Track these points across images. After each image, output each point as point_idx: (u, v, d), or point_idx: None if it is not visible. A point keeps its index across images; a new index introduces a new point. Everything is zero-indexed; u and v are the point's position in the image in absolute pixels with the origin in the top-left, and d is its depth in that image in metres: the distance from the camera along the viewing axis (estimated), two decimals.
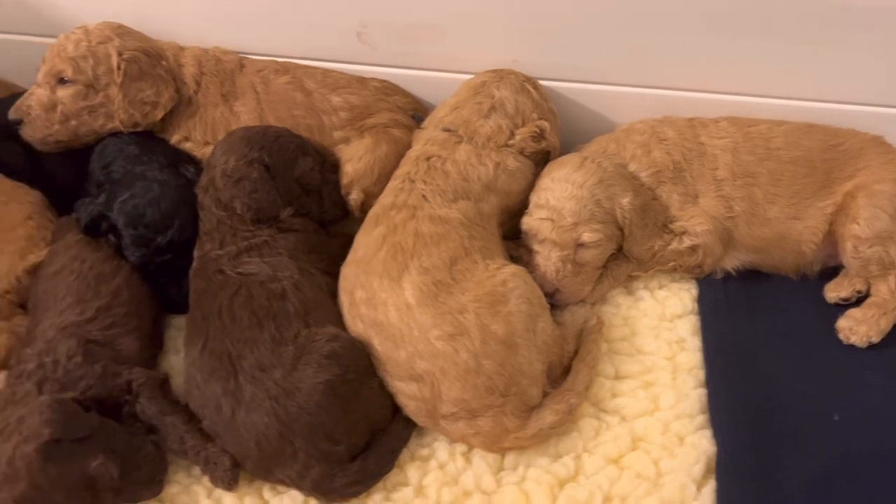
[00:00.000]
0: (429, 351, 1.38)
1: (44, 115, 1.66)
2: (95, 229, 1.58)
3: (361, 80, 1.80)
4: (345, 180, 1.69)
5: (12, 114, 1.67)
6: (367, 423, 1.39)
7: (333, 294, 1.53)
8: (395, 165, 1.68)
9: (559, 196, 1.58)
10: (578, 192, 1.57)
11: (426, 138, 1.65)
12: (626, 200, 1.59)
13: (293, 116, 1.73)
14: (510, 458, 1.43)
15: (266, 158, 1.58)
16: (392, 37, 1.82)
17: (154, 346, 1.55)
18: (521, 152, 1.65)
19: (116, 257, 1.57)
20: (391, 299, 1.43)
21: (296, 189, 1.61)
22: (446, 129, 1.65)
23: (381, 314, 1.43)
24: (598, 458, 1.42)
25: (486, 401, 1.38)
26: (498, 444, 1.40)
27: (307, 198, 1.63)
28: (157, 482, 1.35)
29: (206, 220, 1.57)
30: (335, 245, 1.65)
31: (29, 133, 1.67)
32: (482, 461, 1.42)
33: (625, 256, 1.68)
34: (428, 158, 1.60)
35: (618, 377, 1.55)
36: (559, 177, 1.61)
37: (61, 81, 1.66)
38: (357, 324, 1.46)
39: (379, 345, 1.43)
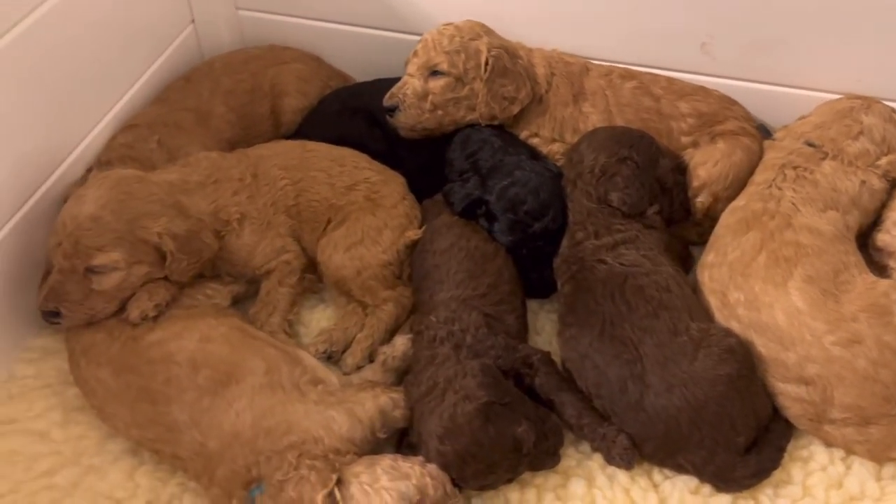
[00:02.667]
0: (823, 356, 1.41)
1: (417, 104, 1.77)
2: (470, 212, 1.69)
3: (705, 89, 1.86)
4: (696, 183, 1.74)
5: (388, 100, 1.79)
6: (755, 420, 1.42)
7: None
8: (748, 174, 1.73)
9: None
10: None
11: (788, 149, 1.69)
12: None
13: (642, 120, 1.80)
14: (889, 468, 1.44)
15: (635, 156, 1.66)
16: (736, 49, 1.87)
17: (526, 325, 1.63)
18: (885, 176, 1.67)
19: (493, 240, 1.67)
20: (778, 303, 1.46)
21: (655, 188, 1.68)
22: (810, 144, 1.68)
23: (766, 316, 1.47)
24: None
25: (881, 409, 1.39)
26: (886, 454, 1.42)
27: (662, 197, 1.69)
28: (557, 454, 1.43)
29: (575, 211, 1.65)
30: (678, 246, 1.71)
31: (402, 120, 1.79)
32: (862, 467, 1.44)
33: None
34: (795, 168, 1.64)
35: None
36: None
37: (434, 73, 1.78)
38: (732, 324, 1.50)
39: (762, 346, 1.47)
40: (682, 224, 1.79)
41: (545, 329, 1.68)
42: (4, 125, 1.52)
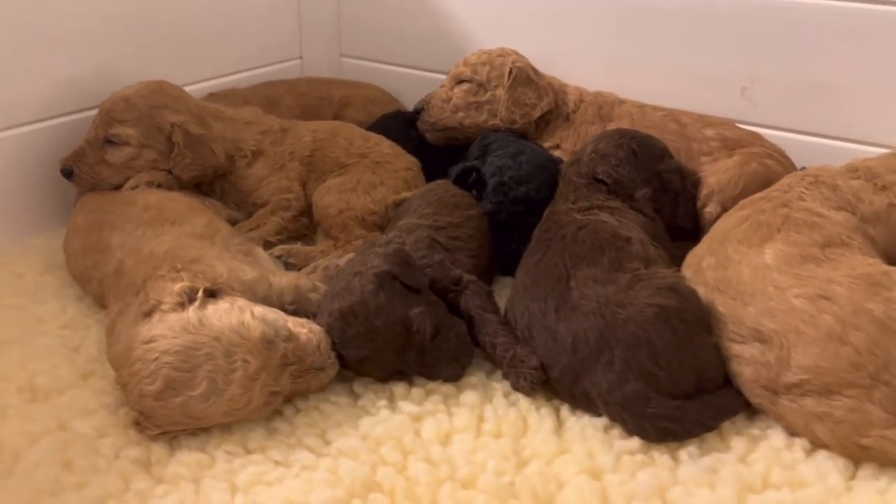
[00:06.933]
0: (783, 308, 1.21)
1: (440, 105, 1.92)
2: (463, 180, 1.72)
3: (736, 125, 1.81)
4: (705, 191, 1.65)
5: (417, 104, 1.98)
6: (694, 374, 1.21)
7: None
8: (762, 188, 1.61)
9: None
10: None
11: (819, 167, 1.56)
12: None
13: (664, 140, 1.77)
14: (867, 469, 1.13)
15: (635, 146, 1.63)
16: (778, 94, 1.83)
17: (486, 276, 1.56)
18: None
19: (476, 204, 1.67)
20: (746, 260, 1.31)
21: (655, 181, 1.61)
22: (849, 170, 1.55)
23: (731, 273, 1.31)
24: None
25: (848, 376, 1.14)
26: (855, 438, 1.12)
27: (663, 194, 1.61)
28: (459, 364, 1.30)
29: (563, 186, 1.62)
30: (674, 248, 1.58)
31: (425, 118, 1.94)
32: (829, 460, 1.14)
33: None
34: (816, 176, 1.50)
35: None
36: None
37: (459, 82, 1.92)
38: (699, 289, 1.34)
39: (722, 304, 1.29)
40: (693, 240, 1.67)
41: None
42: (123, 48, 1.87)
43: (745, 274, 1.29)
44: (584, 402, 1.24)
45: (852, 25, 1.71)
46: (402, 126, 2.04)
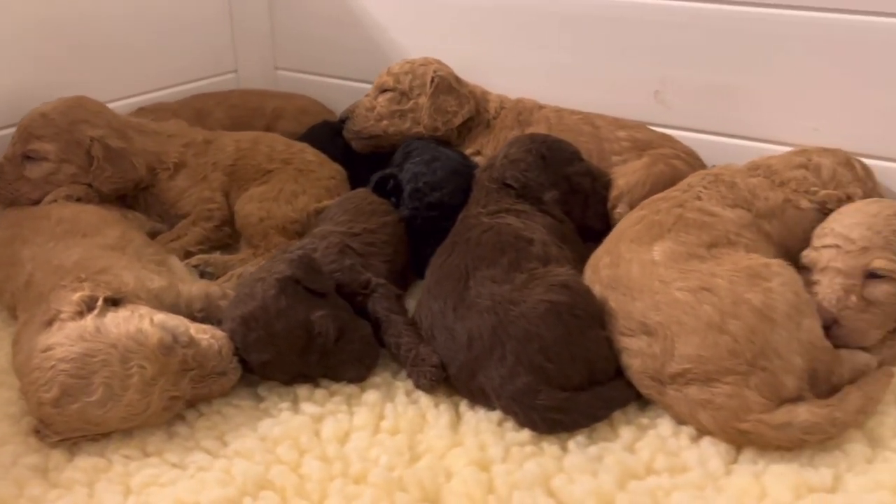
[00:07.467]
0: (667, 301, 1.26)
1: (364, 114, 1.97)
2: (381, 187, 1.76)
3: (649, 128, 1.87)
4: (614, 192, 1.70)
5: (342, 113, 2.02)
6: (585, 366, 1.26)
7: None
8: (669, 188, 1.66)
9: (847, 223, 1.43)
10: (872, 220, 1.42)
11: (721, 166, 1.62)
12: None
13: (577, 143, 1.82)
14: (748, 454, 1.17)
15: (544, 151, 1.67)
16: (689, 96, 1.89)
17: (400, 282, 1.59)
18: (820, 206, 1.54)
19: (393, 209, 1.71)
20: (636, 258, 1.36)
21: (564, 184, 1.66)
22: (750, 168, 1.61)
23: (622, 271, 1.36)
24: (865, 481, 1.11)
25: (726, 363, 1.19)
26: (734, 423, 1.17)
27: (573, 196, 1.66)
28: (364, 366, 1.33)
29: (477, 192, 1.66)
30: (584, 249, 1.62)
31: (350, 126, 1.98)
32: (712, 446, 1.18)
33: None
34: (717, 175, 1.56)
35: None
36: (848, 211, 1.48)
37: (383, 91, 1.97)
38: (595, 287, 1.38)
39: (614, 301, 1.33)
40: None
41: None
42: (45, 65, 1.91)
43: (634, 271, 1.34)
44: (480, 398, 1.27)
45: (758, 29, 1.77)
46: (328, 135, 2.08)
